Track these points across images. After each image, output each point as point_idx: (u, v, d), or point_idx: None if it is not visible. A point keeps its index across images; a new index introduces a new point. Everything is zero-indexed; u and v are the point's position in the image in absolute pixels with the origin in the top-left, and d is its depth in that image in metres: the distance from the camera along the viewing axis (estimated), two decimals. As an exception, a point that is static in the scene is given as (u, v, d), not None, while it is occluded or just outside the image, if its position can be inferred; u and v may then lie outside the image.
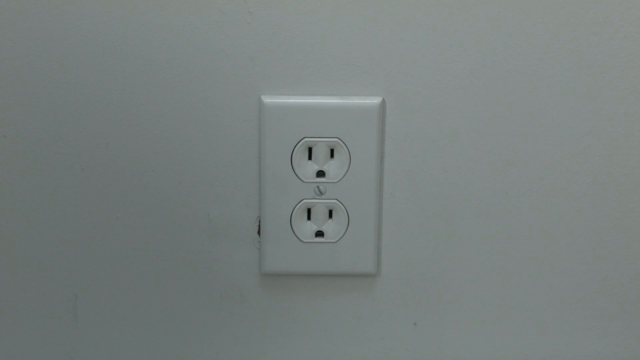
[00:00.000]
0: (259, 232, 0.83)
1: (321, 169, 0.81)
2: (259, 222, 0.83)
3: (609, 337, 0.86)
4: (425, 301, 0.85)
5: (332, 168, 0.81)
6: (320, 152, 0.80)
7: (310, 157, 0.81)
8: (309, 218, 0.82)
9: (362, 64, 0.79)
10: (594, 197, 0.82)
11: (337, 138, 0.80)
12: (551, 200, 0.82)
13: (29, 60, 0.78)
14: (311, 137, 0.80)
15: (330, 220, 0.82)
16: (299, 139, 0.80)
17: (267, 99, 0.79)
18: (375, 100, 0.79)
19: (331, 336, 0.86)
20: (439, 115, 0.80)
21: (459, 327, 0.86)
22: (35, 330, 0.85)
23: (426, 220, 0.83)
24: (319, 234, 0.83)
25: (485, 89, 0.79)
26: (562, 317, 0.85)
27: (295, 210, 0.81)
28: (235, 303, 0.85)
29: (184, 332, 0.86)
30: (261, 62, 0.79)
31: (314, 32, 0.78)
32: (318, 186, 0.81)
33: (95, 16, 0.77)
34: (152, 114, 0.80)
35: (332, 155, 0.81)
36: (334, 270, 0.83)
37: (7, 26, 0.77)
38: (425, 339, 0.86)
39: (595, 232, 0.83)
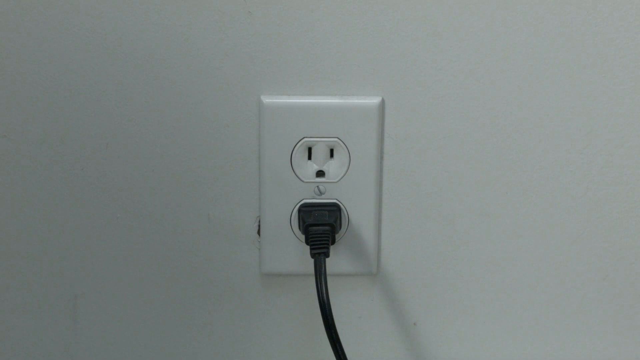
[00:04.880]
0: (259, 232, 0.83)
1: (321, 169, 0.81)
2: (259, 222, 0.83)
3: (609, 337, 0.86)
4: (425, 301, 0.85)
5: (332, 168, 0.81)
6: (320, 152, 0.80)
7: (310, 157, 0.81)
8: (309, 218, 0.82)
9: (362, 64, 0.79)
10: (594, 197, 0.82)
11: (337, 138, 0.80)
12: (551, 200, 0.82)
13: (29, 60, 0.78)
14: (311, 137, 0.80)
15: (330, 220, 0.82)
16: (298, 139, 0.80)
17: (267, 99, 0.79)
18: (375, 100, 0.79)
19: (331, 336, 0.86)
20: (439, 115, 0.80)
21: (459, 327, 0.86)
22: (35, 330, 0.85)
23: (426, 220, 0.83)
24: (319, 234, 0.83)
25: (485, 89, 0.79)
26: (562, 317, 0.85)
27: (295, 210, 0.81)
28: (235, 303, 0.85)
29: (184, 332, 0.86)
30: (261, 62, 0.79)
31: (314, 32, 0.78)
32: (318, 186, 0.81)
33: (94, 16, 0.77)
34: (152, 114, 0.80)
35: (331, 155, 0.81)
36: (334, 270, 0.83)
37: (7, 26, 0.77)
38: (425, 339, 0.86)
39: (595, 232, 0.83)
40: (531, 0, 0.77)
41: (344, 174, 0.81)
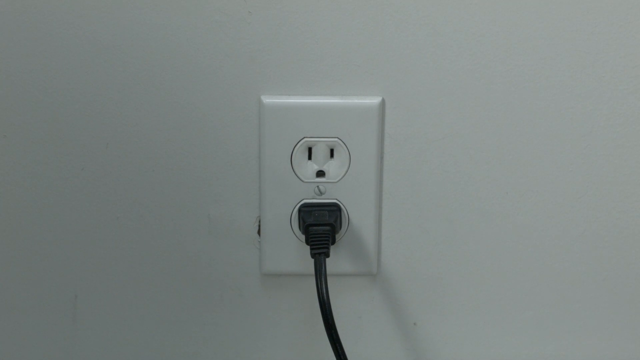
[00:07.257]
0: (259, 232, 0.83)
1: (321, 169, 0.81)
2: (259, 222, 0.83)
3: (609, 338, 0.86)
4: (425, 301, 0.85)
5: (332, 168, 0.81)
6: (320, 152, 0.80)
7: (310, 157, 0.81)
8: (309, 218, 0.82)
9: (362, 64, 0.79)
10: (594, 197, 0.82)
11: (337, 138, 0.80)
12: (551, 200, 0.82)
13: (29, 60, 0.78)
14: (311, 137, 0.80)
15: (330, 220, 0.82)
16: (298, 139, 0.80)
17: (267, 99, 0.79)
18: (375, 100, 0.79)
19: (331, 336, 0.86)
20: (439, 115, 0.80)
21: (459, 327, 0.86)
22: (35, 330, 0.85)
23: (426, 220, 0.83)
24: (319, 234, 0.83)
25: (485, 89, 0.79)
26: (562, 317, 0.85)
27: (295, 210, 0.81)
28: (235, 303, 0.85)
29: (184, 332, 0.86)
30: (261, 62, 0.79)
31: (314, 32, 0.78)
32: (318, 186, 0.81)
33: (94, 16, 0.77)
34: (152, 114, 0.80)
35: (332, 155, 0.81)
36: (334, 270, 0.83)
37: (7, 26, 0.77)
38: (425, 339, 0.86)
39: (595, 232, 0.83)
40: (531, 1, 0.77)
41: (344, 174, 0.81)
